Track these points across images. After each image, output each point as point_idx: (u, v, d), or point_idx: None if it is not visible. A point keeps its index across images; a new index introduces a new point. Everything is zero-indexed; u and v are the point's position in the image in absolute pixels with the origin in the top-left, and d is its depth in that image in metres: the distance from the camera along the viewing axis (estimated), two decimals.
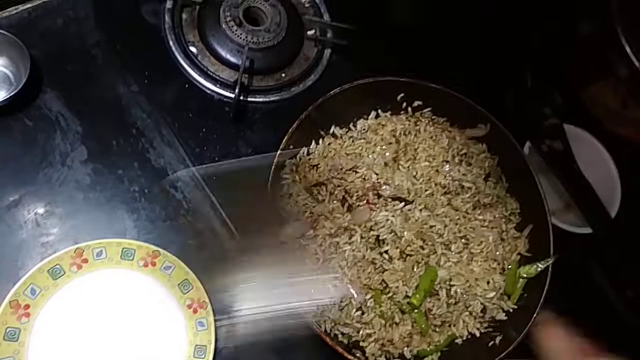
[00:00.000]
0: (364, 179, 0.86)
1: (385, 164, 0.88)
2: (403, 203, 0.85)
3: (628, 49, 0.88)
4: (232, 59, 0.94)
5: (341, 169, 0.87)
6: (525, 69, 1.03)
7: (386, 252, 0.82)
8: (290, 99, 0.96)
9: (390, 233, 0.83)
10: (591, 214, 0.96)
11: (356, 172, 0.87)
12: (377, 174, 0.86)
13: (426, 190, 0.87)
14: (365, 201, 0.85)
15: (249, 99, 0.94)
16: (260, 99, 0.95)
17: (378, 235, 0.83)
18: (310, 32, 1.01)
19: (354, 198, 0.85)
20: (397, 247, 0.82)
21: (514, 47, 1.03)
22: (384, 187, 0.86)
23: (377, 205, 0.85)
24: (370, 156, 0.88)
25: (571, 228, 0.96)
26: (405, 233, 0.82)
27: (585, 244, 0.96)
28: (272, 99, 0.96)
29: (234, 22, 0.94)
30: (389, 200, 0.86)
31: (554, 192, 1.00)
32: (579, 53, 1.02)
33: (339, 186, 0.86)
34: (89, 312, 0.77)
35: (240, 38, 0.94)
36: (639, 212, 0.99)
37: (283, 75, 0.98)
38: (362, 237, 0.82)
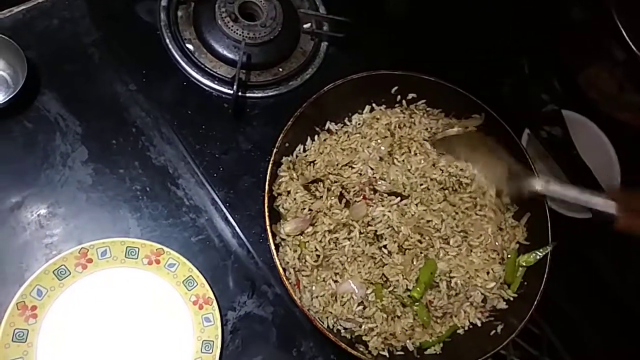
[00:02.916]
0: (360, 174, 0.87)
1: (381, 159, 0.88)
2: (399, 198, 0.85)
3: (624, 32, 0.87)
4: (229, 55, 0.94)
5: (337, 165, 0.87)
6: (522, 56, 1.02)
7: (385, 246, 0.83)
8: (288, 93, 0.97)
9: (388, 228, 0.83)
10: None
11: (352, 168, 0.87)
12: (372, 169, 0.87)
13: (421, 184, 0.87)
14: (362, 197, 0.85)
15: (247, 95, 0.95)
16: (259, 94, 0.95)
17: (376, 230, 0.83)
18: (306, 26, 1.01)
19: (351, 194, 0.86)
20: (395, 242, 0.83)
21: (509, 35, 1.03)
22: (379, 182, 0.86)
23: (374, 201, 0.85)
24: (365, 151, 0.88)
25: (571, 213, 0.96)
26: (403, 228, 0.83)
27: (586, 229, 0.96)
28: (270, 93, 0.96)
29: (230, 17, 0.93)
30: (385, 195, 0.86)
31: (554, 178, 1.00)
32: (575, 38, 1.01)
33: (335, 182, 0.86)
34: (95, 311, 0.78)
35: (237, 34, 0.93)
36: None
37: (280, 69, 0.98)
38: (360, 233, 0.83)
